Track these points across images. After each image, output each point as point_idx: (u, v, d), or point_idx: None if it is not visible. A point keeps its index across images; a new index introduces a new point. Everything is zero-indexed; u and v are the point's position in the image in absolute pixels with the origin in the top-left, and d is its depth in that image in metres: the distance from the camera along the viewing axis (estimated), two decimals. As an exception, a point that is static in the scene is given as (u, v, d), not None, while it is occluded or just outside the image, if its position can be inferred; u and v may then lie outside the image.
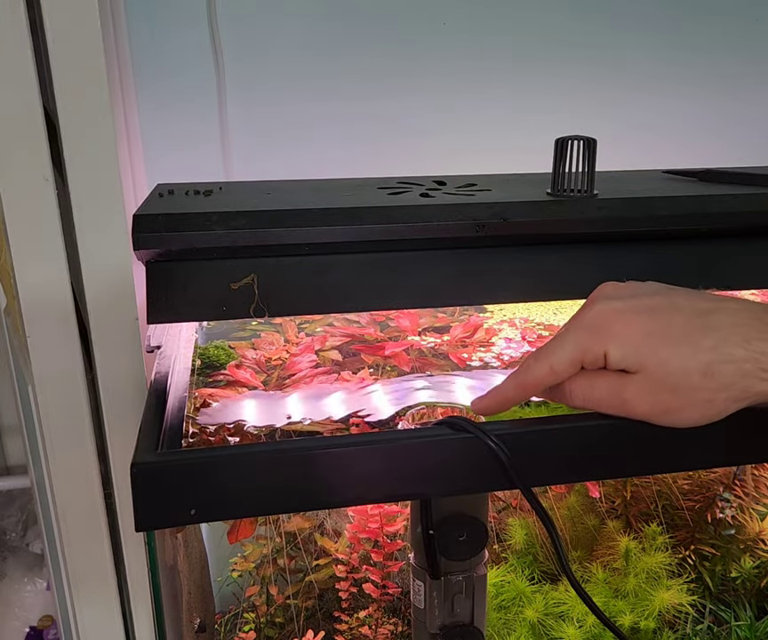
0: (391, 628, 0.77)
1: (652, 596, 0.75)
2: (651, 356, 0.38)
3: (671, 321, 0.38)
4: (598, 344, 0.39)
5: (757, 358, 0.36)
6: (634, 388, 0.39)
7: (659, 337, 0.38)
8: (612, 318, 0.39)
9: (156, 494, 0.40)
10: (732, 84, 1.04)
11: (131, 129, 0.84)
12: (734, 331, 0.37)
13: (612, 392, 0.40)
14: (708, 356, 0.37)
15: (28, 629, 1.23)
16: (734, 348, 0.37)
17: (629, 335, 0.39)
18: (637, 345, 0.38)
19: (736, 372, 0.37)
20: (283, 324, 0.73)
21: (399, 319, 0.74)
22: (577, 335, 0.40)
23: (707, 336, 0.37)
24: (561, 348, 0.40)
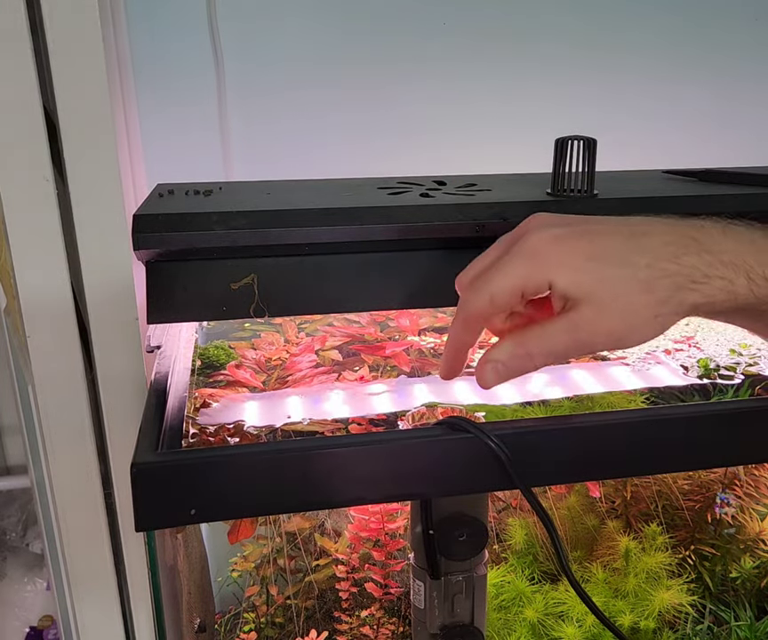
0: (392, 628, 0.77)
1: (651, 596, 0.75)
2: (596, 282, 0.39)
3: (609, 244, 0.39)
4: (540, 272, 0.39)
5: (688, 272, 0.39)
6: (586, 322, 0.39)
7: (600, 261, 0.39)
8: (552, 245, 0.39)
9: (156, 494, 0.40)
10: (732, 84, 1.04)
11: (131, 129, 0.84)
12: (665, 249, 0.39)
13: (568, 334, 0.39)
14: (646, 273, 0.39)
15: (27, 629, 1.23)
16: (667, 264, 0.39)
17: (572, 261, 0.39)
18: (581, 271, 0.39)
19: (671, 286, 0.39)
20: (283, 323, 0.73)
21: (399, 319, 0.74)
22: (516, 264, 0.39)
23: (642, 255, 0.39)
24: (501, 277, 0.40)
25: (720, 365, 0.66)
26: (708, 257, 0.39)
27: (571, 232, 0.40)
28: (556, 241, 0.39)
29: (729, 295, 0.39)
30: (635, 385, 0.62)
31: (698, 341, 0.71)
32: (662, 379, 0.64)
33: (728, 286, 0.39)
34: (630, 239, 0.40)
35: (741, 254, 0.39)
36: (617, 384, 0.63)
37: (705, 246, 0.39)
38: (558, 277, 0.39)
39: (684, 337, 0.71)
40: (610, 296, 0.39)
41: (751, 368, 0.65)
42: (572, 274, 0.39)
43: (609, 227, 0.41)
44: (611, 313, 0.39)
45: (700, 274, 0.39)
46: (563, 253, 0.39)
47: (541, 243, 0.40)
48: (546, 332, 0.40)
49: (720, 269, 0.39)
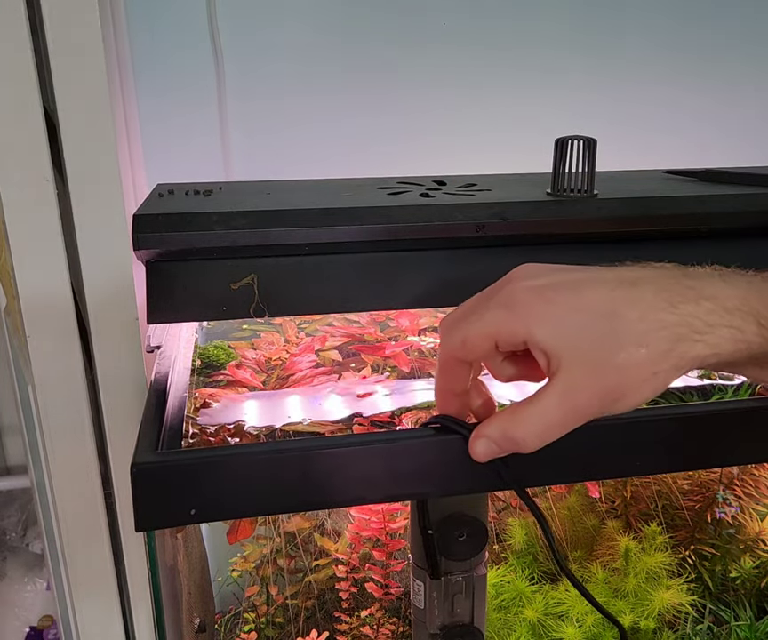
0: (392, 628, 0.77)
1: (651, 596, 0.75)
2: (579, 335, 0.35)
3: (595, 295, 0.36)
4: (515, 322, 0.36)
5: (688, 321, 0.35)
6: (579, 385, 0.35)
7: (584, 312, 0.36)
8: (532, 295, 0.37)
9: (156, 494, 0.40)
10: (732, 84, 1.04)
11: (131, 129, 0.84)
12: (658, 297, 0.35)
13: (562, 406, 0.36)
14: (640, 327, 0.35)
15: (27, 629, 1.23)
16: (663, 314, 0.35)
17: (553, 313, 0.36)
18: (563, 324, 0.36)
19: (670, 337, 0.35)
20: (283, 323, 0.73)
21: (399, 319, 0.74)
22: (493, 311, 0.37)
23: (633, 307, 0.35)
24: (475, 321, 0.38)
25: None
26: (709, 304, 0.35)
27: (553, 283, 0.37)
28: (537, 291, 0.37)
29: (739, 344, 0.35)
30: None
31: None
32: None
33: (737, 335, 0.35)
34: (618, 289, 0.36)
35: (746, 299, 0.36)
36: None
37: (703, 293, 0.36)
38: (536, 329, 0.36)
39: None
40: (600, 352, 0.35)
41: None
42: (552, 327, 0.36)
43: (595, 276, 0.37)
44: (604, 369, 0.35)
45: (701, 323, 0.35)
46: (543, 303, 0.36)
47: (521, 292, 0.37)
48: (537, 411, 0.37)
49: (725, 317, 0.35)
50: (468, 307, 0.40)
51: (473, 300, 0.40)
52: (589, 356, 0.35)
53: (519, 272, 0.39)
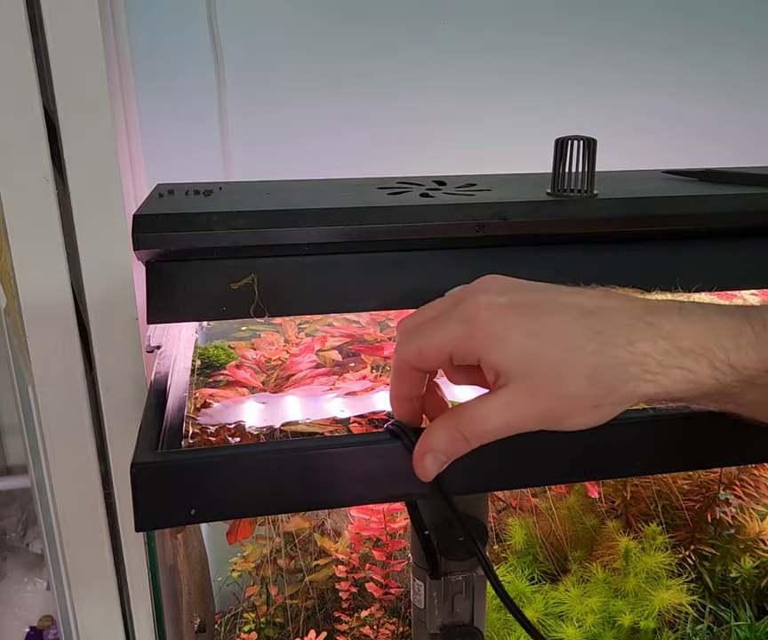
0: (392, 628, 0.77)
1: (651, 596, 0.75)
2: (533, 362, 0.36)
3: (555, 322, 0.36)
4: (471, 340, 0.36)
5: (641, 360, 0.35)
6: (521, 405, 0.36)
7: (542, 340, 0.36)
8: (491, 315, 0.36)
9: (156, 494, 0.40)
10: (732, 84, 1.04)
11: (131, 129, 0.84)
12: (618, 333, 0.36)
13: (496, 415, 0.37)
14: (593, 361, 0.35)
15: (27, 629, 1.23)
16: (619, 351, 0.35)
17: (509, 337, 0.36)
18: (518, 349, 0.36)
19: (621, 376, 0.35)
20: (283, 324, 0.73)
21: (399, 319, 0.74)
22: (450, 325, 0.37)
23: (591, 339, 0.35)
24: (432, 333, 0.38)
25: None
26: (665, 344, 0.35)
27: (515, 303, 0.37)
28: (497, 311, 0.36)
29: (689, 385, 0.36)
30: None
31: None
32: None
33: (688, 376, 0.36)
34: (579, 319, 0.36)
35: (702, 340, 0.36)
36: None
37: (661, 331, 0.36)
38: (491, 351, 0.36)
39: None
40: (547, 379, 0.35)
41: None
42: (506, 350, 0.36)
43: (557, 300, 0.37)
44: (546, 396, 0.36)
45: (654, 363, 0.35)
46: (501, 325, 0.36)
47: (480, 310, 0.37)
48: (478, 416, 0.37)
49: (678, 359, 0.35)
50: (426, 314, 0.40)
51: (432, 308, 0.40)
52: (537, 383, 0.36)
53: (484, 284, 0.39)
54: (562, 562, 0.79)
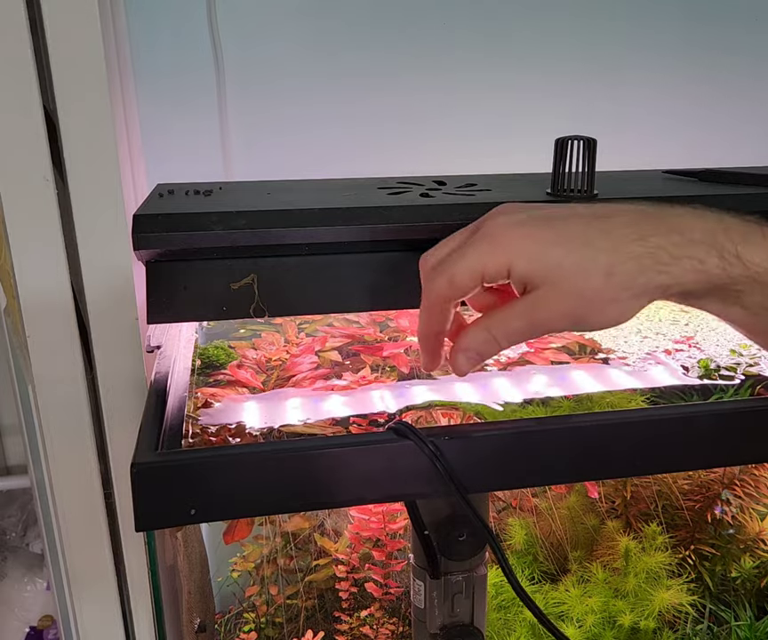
0: (392, 628, 0.77)
1: (652, 596, 0.75)
2: (554, 266, 0.38)
3: (570, 228, 0.39)
4: (500, 257, 0.39)
5: (653, 252, 0.38)
6: (544, 304, 0.39)
7: (560, 245, 0.38)
8: (513, 230, 0.39)
9: (156, 494, 0.40)
10: (732, 84, 1.04)
11: (131, 129, 0.84)
12: (630, 230, 0.38)
13: (525, 316, 0.40)
14: (609, 257, 0.38)
15: (27, 629, 1.23)
16: (632, 246, 0.38)
17: (531, 246, 0.39)
18: (540, 256, 0.38)
19: (635, 269, 0.38)
20: (283, 324, 0.73)
21: (399, 319, 0.74)
22: (477, 247, 0.40)
23: (605, 238, 0.38)
24: (461, 260, 0.40)
25: (720, 366, 0.66)
26: (676, 237, 0.38)
27: (532, 218, 0.40)
28: (517, 227, 0.39)
29: (699, 275, 0.38)
30: (635, 385, 0.62)
31: (698, 342, 0.71)
32: (662, 379, 0.64)
33: (698, 266, 0.38)
34: (592, 223, 0.39)
35: (712, 232, 0.38)
36: (617, 384, 0.63)
37: (672, 225, 0.38)
38: (517, 262, 0.39)
39: (684, 337, 0.71)
40: (567, 279, 0.38)
41: (752, 368, 0.65)
42: (530, 259, 0.38)
43: (571, 212, 0.40)
44: (567, 295, 0.38)
45: (666, 255, 0.38)
46: (522, 239, 0.39)
47: (502, 228, 0.40)
48: (506, 316, 0.40)
49: (689, 249, 0.38)
50: (448, 246, 0.42)
51: (453, 239, 0.42)
52: (559, 284, 0.38)
53: (498, 209, 0.41)
54: (562, 562, 0.79)
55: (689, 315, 0.76)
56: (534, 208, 0.41)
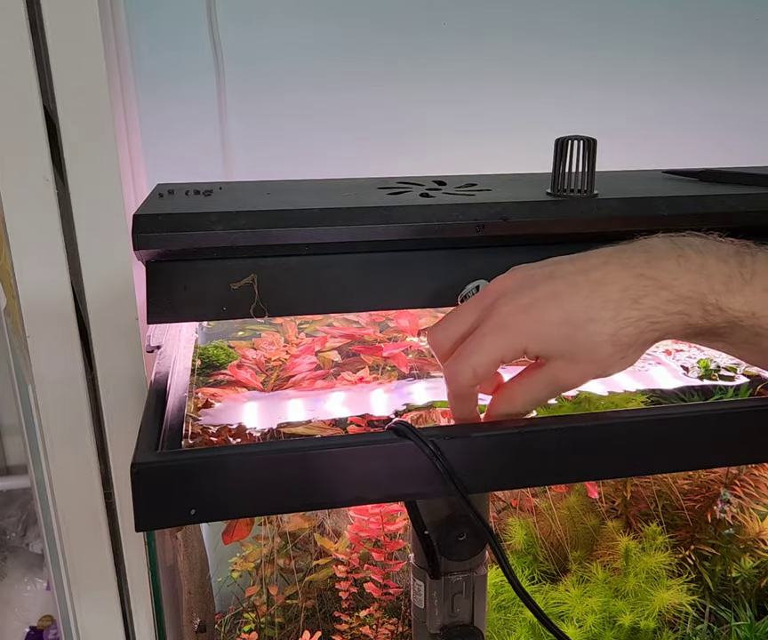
0: (392, 628, 0.77)
1: (652, 596, 0.75)
2: (566, 343, 0.42)
3: (573, 305, 0.42)
4: (517, 345, 0.42)
5: (648, 314, 0.41)
6: (564, 374, 0.43)
7: (568, 325, 0.42)
8: (522, 317, 0.42)
9: (156, 494, 0.40)
10: (732, 84, 1.04)
11: (131, 129, 0.84)
12: (625, 295, 0.41)
13: (549, 387, 0.44)
14: (611, 327, 0.41)
15: (27, 629, 1.23)
16: (629, 312, 0.41)
17: (543, 330, 0.42)
18: (552, 337, 0.42)
19: (635, 331, 0.41)
20: (283, 324, 0.73)
21: (398, 319, 0.74)
22: (493, 340, 0.43)
23: (605, 308, 0.41)
24: (481, 353, 0.43)
25: (720, 366, 0.66)
26: (666, 293, 0.41)
27: (536, 299, 0.43)
28: (525, 312, 0.42)
29: (685, 326, 0.42)
30: (635, 385, 0.62)
31: (698, 341, 0.70)
32: (662, 379, 0.64)
33: (685, 319, 0.41)
34: (592, 294, 0.42)
35: (697, 285, 0.41)
36: (617, 385, 0.63)
37: (662, 283, 0.41)
38: (532, 345, 0.42)
39: (684, 337, 0.71)
40: (580, 353, 0.42)
41: (751, 368, 0.65)
42: (544, 341, 0.42)
43: (571, 281, 0.43)
44: (582, 363, 0.42)
45: (660, 313, 0.41)
46: (533, 324, 0.42)
47: (512, 317, 0.43)
48: (531, 388, 0.44)
49: (678, 306, 0.41)
50: (457, 327, 0.45)
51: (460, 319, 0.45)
52: (573, 357, 0.42)
53: (501, 288, 0.45)
54: (562, 562, 0.79)
55: (689, 315, 0.76)
56: (534, 285, 0.44)
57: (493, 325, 0.43)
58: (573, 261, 0.44)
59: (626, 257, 0.43)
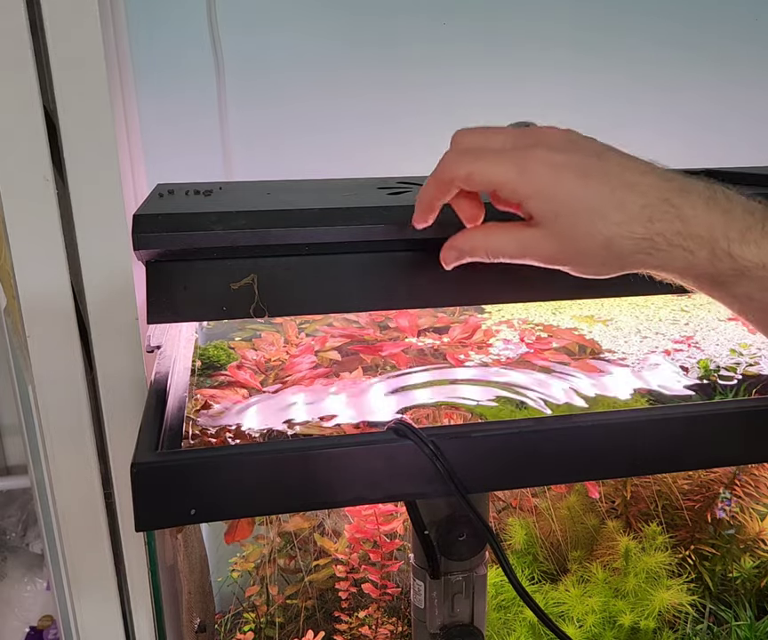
0: (391, 628, 0.77)
1: (651, 596, 0.75)
2: (566, 220, 0.40)
3: (596, 190, 0.40)
4: (521, 187, 0.41)
5: (653, 237, 0.40)
6: (545, 243, 0.41)
7: (579, 205, 0.40)
8: (547, 173, 0.41)
9: (156, 494, 0.40)
10: (732, 84, 1.03)
11: (131, 129, 0.84)
12: (643, 211, 0.40)
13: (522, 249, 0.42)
14: (614, 230, 0.40)
15: (27, 629, 1.23)
16: (637, 227, 0.40)
17: (555, 193, 0.40)
18: (558, 206, 0.40)
19: (632, 248, 0.40)
20: (283, 324, 0.73)
21: (398, 319, 0.74)
22: (507, 165, 0.41)
23: (619, 211, 0.40)
24: (487, 166, 0.41)
25: (720, 366, 0.66)
26: (679, 225, 0.40)
27: (570, 164, 0.41)
28: (551, 168, 0.41)
29: (685, 264, 0.40)
30: (635, 385, 0.62)
31: (698, 342, 0.71)
32: (662, 379, 0.64)
33: (688, 257, 0.40)
34: (616, 191, 0.40)
35: (712, 228, 0.40)
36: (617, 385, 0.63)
37: (681, 214, 0.40)
38: (533, 200, 0.41)
39: (684, 337, 0.71)
40: (571, 236, 0.41)
41: (751, 368, 0.65)
42: (547, 203, 0.40)
43: (606, 170, 0.41)
44: (565, 245, 0.41)
45: (663, 241, 0.40)
46: (549, 182, 0.40)
47: (539, 164, 0.41)
48: (504, 238, 0.43)
49: (686, 241, 0.40)
50: (487, 140, 0.44)
51: (495, 136, 0.44)
52: (562, 234, 0.41)
53: (548, 137, 0.42)
54: (562, 562, 0.79)
55: (689, 314, 0.76)
56: (576, 150, 0.42)
57: (516, 157, 0.41)
58: (621, 156, 0.42)
59: (665, 178, 0.41)
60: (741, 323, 0.74)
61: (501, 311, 0.78)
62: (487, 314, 0.77)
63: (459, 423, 0.58)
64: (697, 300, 0.79)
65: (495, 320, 0.76)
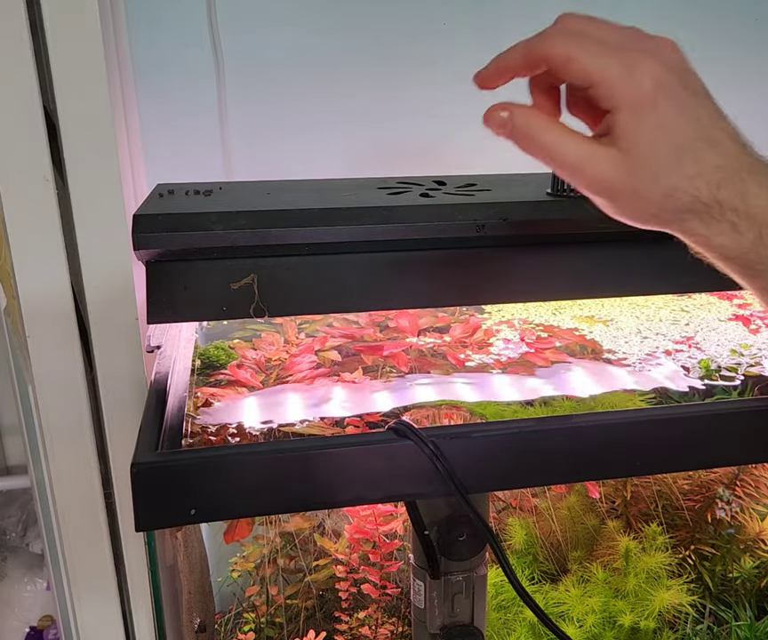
0: (391, 628, 0.77)
1: (652, 596, 0.75)
2: (643, 154, 0.38)
3: (685, 134, 0.38)
4: (617, 95, 0.38)
5: (712, 205, 0.37)
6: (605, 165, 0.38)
7: (664, 142, 0.37)
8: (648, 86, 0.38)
9: (156, 494, 0.40)
10: (731, 84, 1.03)
11: (131, 129, 0.84)
12: (716, 171, 0.37)
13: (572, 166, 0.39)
14: (681, 183, 0.37)
15: (27, 629, 1.23)
16: (705, 188, 0.37)
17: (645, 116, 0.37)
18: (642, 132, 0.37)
19: (689, 205, 0.38)
20: (283, 324, 0.73)
21: (398, 319, 0.74)
22: (614, 67, 0.38)
23: (696, 164, 0.37)
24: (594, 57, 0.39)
25: (721, 366, 0.66)
26: (739, 202, 0.37)
27: (674, 91, 0.38)
28: (654, 86, 0.38)
29: (728, 241, 0.38)
30: (635, 385, 0.62)
31: (698, 342, 0.71)
32: (663, 379, 0.64)
33: (733, 234, 0.38)
34: (698, 141, 0.38)
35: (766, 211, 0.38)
36: (617, 384, 0.63)
37: (745, 188, 0.38)
38: (622, 113, 0.37)
39: (685, 337, 0.71)
40: (640, 173, 0.38)
41: (752, 368, 0.65)
42: (633, 124, 0.37)
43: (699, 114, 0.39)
44: (627, 180, 0.38)
45: (718, 210, 0.38)
46: (646, 102, 0.37)
47: (647, 75, 0.38)
48: (565, 139, 0.39)
49: (739, 218, 0.38)
50: (600, 30, 0.41)
51: (609, 30, 0.41)
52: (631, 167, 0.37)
53: (665, 51, 0.41)
54: (562, 562, 0.79)
55: (689, 315, 0.76)
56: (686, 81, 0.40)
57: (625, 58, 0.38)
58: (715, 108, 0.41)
59: (745, 151, 0.39)
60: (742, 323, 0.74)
61: (501, 311, 0.78)
62: (487, 314, 0.77)
63: (459, 423, 0.58)
64: (697, 301, 0.79)
65: (495, 320, 0.76)
